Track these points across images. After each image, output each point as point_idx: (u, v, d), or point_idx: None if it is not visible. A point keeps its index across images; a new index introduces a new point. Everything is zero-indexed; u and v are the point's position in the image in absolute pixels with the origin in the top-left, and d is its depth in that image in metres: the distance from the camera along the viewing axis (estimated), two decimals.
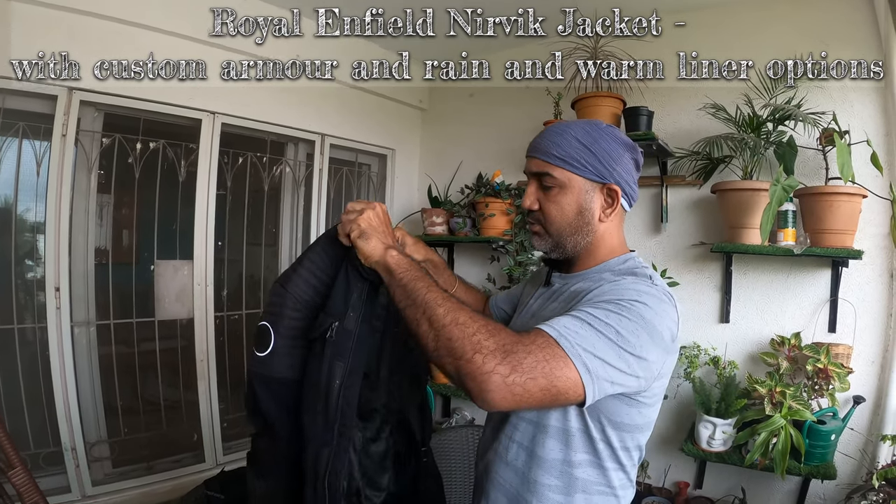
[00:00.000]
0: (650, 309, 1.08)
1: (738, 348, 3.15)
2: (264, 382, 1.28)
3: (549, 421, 1.19)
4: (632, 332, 1.03)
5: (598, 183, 1.23)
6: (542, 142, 1.25)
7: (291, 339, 1.28)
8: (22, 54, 2.49)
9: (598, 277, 1.24)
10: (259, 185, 3.61)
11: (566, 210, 1.24)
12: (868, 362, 2.87)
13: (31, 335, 2.87)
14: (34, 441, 2.86)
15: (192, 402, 3.31)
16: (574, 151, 1.21)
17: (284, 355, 1.27)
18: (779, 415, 2.59)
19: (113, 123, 3.00)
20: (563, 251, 1.28)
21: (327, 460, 1.20)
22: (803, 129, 2.82)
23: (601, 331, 1.01)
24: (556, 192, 1.23)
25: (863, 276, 2.88)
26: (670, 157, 3.24)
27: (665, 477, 3.35)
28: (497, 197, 3.68)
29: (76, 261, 2.95)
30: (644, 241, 3.45)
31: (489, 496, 1.30)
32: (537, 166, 1.25)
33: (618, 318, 1.03)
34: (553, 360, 0.97)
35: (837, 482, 2.81)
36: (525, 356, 0.96)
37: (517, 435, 1.26)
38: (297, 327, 1.28)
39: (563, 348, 0.98)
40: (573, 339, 0.99)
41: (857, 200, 2.70)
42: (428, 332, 1.03)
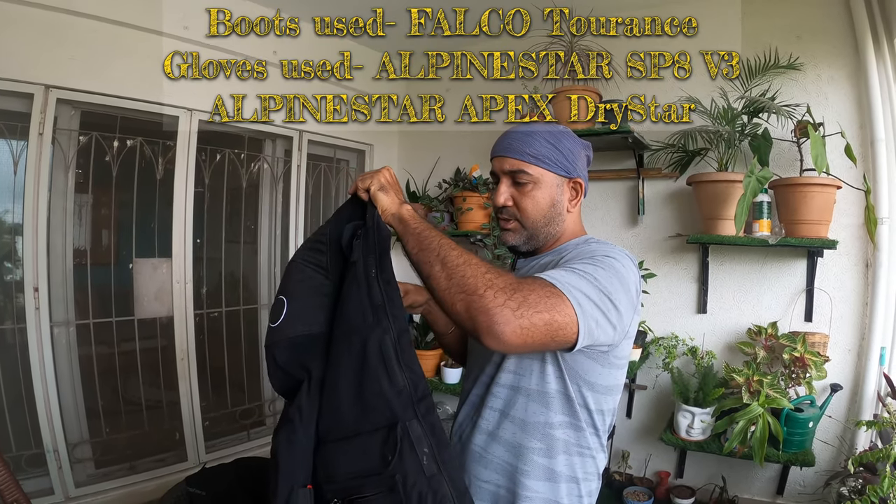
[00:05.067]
0: (619, 262, 1.19)
1: (716, 338, 3.19)
2: (286, 348, 1.24)
3: (529, 384, 1.28)
4: (608, 279, 1.13)
5: (566, 178, 1.36)
6: (513, 142, 1.34)
7: (304, 297, 1.28)
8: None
9: (561, 251, 1.35)
10: (237, 182, 3.59)
11: (541, 203, 1.34)
12: (845, 351, 2.92)
13: (11, 337, 2.84)
14: (16, 443, 2.84)
15: (173, 401, 3.29)
16: (544, 150, 1.32)
17: (297, 317, 1.25)
18: (756, 403, 2.62)
19: (90, 122, 2.97)
20: (535, 242, 1.38)
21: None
22: (777, 121, 2.85)
23: (584, 275, 1.11)
24: (530, 187, 1.33)
25: (838, 266, 2.93)
26: (646, 150, 3.26)
27: (646, 467, 3.38)
28: (475, 191, 3.70)
29: (55, 260, 2.92)
30: (621, 234, 3.47)
31: (479, 475, 1.34)
32: (511, 165, 1.33)
33: (593, 268, 1.14)
34: (553, 296, 1.05)
35: (816, 469, 2.86)
36: (530, 292, 1.03)
37: (499, 403, 1.33)
38: (310, 285, 1.29)
39: (558, 287, 1.06)
40: (564, 280, 1.08)
41: (832, 191, 2.73)
42: (440, 272, 1.09)
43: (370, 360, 1.13)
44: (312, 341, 1.23)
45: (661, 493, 3.23)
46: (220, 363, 3.60)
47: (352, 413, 1.14)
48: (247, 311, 3.76)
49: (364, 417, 1.13)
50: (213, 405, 3.57)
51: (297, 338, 1.24)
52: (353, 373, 1.15)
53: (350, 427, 1.14)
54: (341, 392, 1.16)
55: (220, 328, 3.59)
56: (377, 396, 1.12)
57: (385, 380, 1.12)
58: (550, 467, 1.27)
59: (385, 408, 1.12)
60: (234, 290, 3.69)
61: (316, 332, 1.24)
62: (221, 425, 3.61)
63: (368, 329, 1.15)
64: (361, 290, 1.18)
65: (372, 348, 1.13)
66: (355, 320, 1.17)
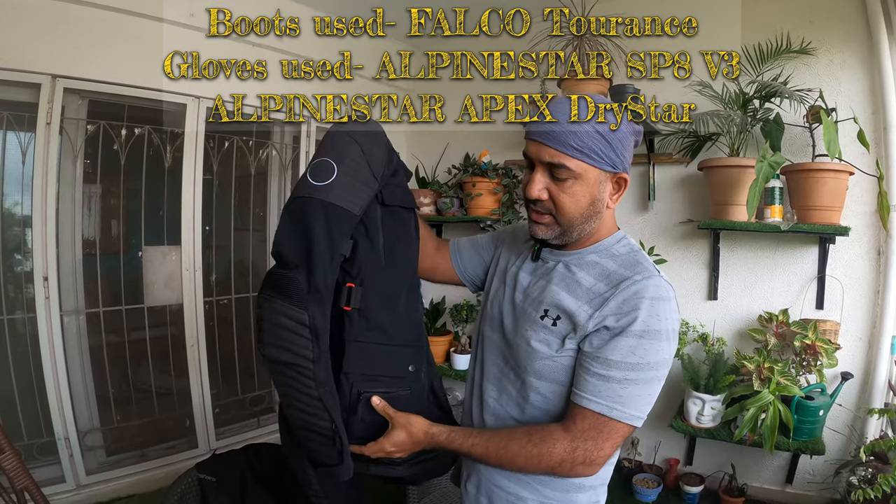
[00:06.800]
0: (669, 335, 1.15)
1: (727, 325, 3.17)
2: (323, 210, 1.16)
3: (557, 409, 1.24)
4: (657, 368, 1.14)
5: (611, 173, 1.19)
6: (556, 128, 1.16)
7: (353, 178, 1.22)
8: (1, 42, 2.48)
9: (594, 264, 1.24)
10: (246, 169, 3.59)
11: (580, 201, 1.18)
12: (856, 339, 2.90)
13: (22, 326, 2.86)
14: (27, 432, 2.86)
15: (183, 389, 3.31)
16: (593, 142, 1.14)
17: (342, 187, 1.19)
18: (767, 391, 2.61)
19: (97, 111, 2.97)
20: (567, 238, 1.24)
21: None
22: (790, 106, 2.81)
23: (637, 384, 1.13)
24: (570, 183, 1.17)
25: (850, 253, 2.90)
26: (657, 135, 3.23)
27: (655, 454, 3.38)
28: (484, 177, 3.68)
29: (64, 250, 2.93)
30: (632, 220, 3.44)
31: (497, 483, 1.31)
32: (550, 156, 1.16)
33: (635, 384, 1.13)
34: (610, 432, 1.13)
35: (826, 457, 2.84)
36: (584, 441, 1.13)
37: (519, 415, 1.30)
38: (362, 174, 1.24)
39: (614, 419, 1.12)
40: (619, 407, 1.12)
41: (844, 177, 2.70)
42: (497, 464, 1.21)
43: (415, 290, 1.37)
44: (349, 219, 1.20)
45: (670, 481, 3.22)
46: (230, 350, 3.62)
47: (399, 328, 1.30)
48: (256, 299, 3.74)
49: (406, 333, 1.32)
50: (223, 392, 3.59)
51: (334, 206, 1.17)
52: (405, 296, 1.32)
53: (396, 337, 1.30)
54: (398, 306, 1.30)
55: (230, 315, 3.60)
56: (415, 323, 1.36)
57: (421, 310, 1.40)
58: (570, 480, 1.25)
59: (417, 330, 1.36)
60: (243, 278, 3.70)
61: (355, 213, 1.20)
62: (231, 412, 3.63)
63: (413, 269, 1.38)
64: (413, 244, 1.37)
65: (414, 283, 1.37)
66: (411, 260, 1.37)
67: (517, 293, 1.32)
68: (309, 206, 1.17)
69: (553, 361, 1.20)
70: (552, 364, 1.20)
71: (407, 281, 1.34)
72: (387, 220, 1.31)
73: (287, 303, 1.15)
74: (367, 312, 1.24)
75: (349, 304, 1.22)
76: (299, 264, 1.16)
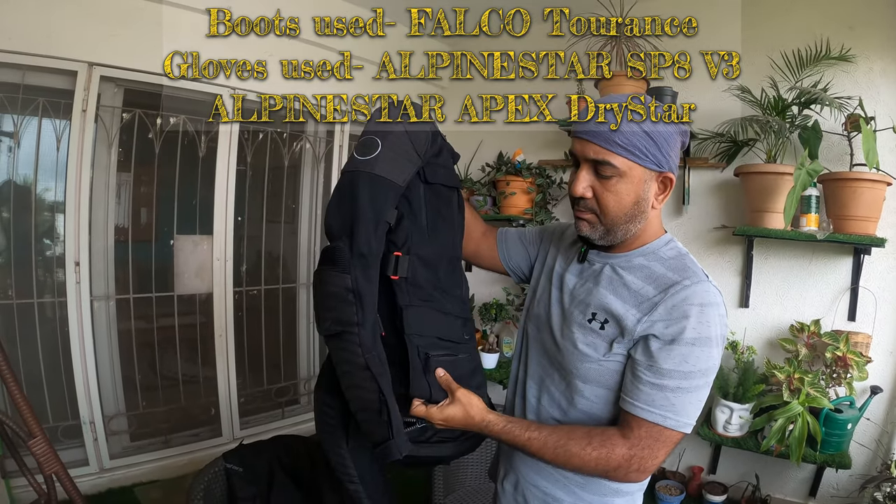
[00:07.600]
0: (718, 341, 1.15)
1: (757, 333, 3.13)
2: (368, 181, 1.21)
3: (603, 415, 1.25)
4: (707, 374, 1.14)
5: (656, 172, 1.18)
6: (602, 125, 1.16)
7: (397, 153, 1.26)
8: (35, 29, 2.50)
9: (642, 266, 1.23)
10: (279, 160, 3.61)
11: (624, 200, 1.18)
12: (886, 352, 2.85)
13: (51, 310, 2.90)
14: (53, 414, 2.90)
15: (209, 377, 3.34)
16: (638, 140, 1.14)
17: (387, 161, 1.23)
18: (796, 401, 2.58)
19: (133, 99, 3.00)
20: (612, 238, 1.22)
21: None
22: (829, 113, 2.78)
23: (689, 391, 1.13)
24: (614, 181, 1.16)
25: (884, 265, 2.85)
26: (693, 139, 3.19)
27: (679, 461, 3.35)
28: (518, 175, 3.66)
29: (96, 236, 2.97)
30: (665, 223, 3.32)
31: (533, 482, 1.32)
32: (595, 153, 1.16)
33: (687, 392, 1.13)
34: (665, 440, 1.14)
35: (851, 472, 2.80)
36: (640, 449, 1.13)
37: (560, 416, 1.30)
38: (405, 150, 1.28)
39: (668, 428, 1.12)
40: (673, 416, 1.12)
41: (882, 188, 2.66)
42: (552, 461, 1.19)
43: (457, 266, 1.42)
44: (393, 189, 1.23)
45: (692, 489, 3.20)
46: (258, 341, 3.64)
47: (446, 299, 1.35)
48: (286, 290, 3.79)
49: (453, 305, 1.37)
50: (249, 382, 3.61)
51: (377, 177, 1.21)
52: (447, 270, 1.37)
53: (445, 307, 1.35)
54: (441, 278, 1.35)
55: (259, 306, 3.62)
56: (459, 298, 1.40)
57: (465, 287, 1.43)
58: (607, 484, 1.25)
59: (463, 305, 1.40)
60: (273, 269, 3.72)
61: (398, 183, 1.24)
62: (256, 402, 3.66)
63: (455, 246, 1.43)
64: (456, 222, 1.42)
65: (455, 259, 1.42)
66: (454, 237, 1.42)
67: (564, 295, 1.32)
68: (355, 178, 1.21)
69: (600, 365, 1.19)
70: (599, 368, 1.19)
71: (447, 255, 1.38)
72: (430, 197, 1.34)
73: (333, 270, 1.18)
74: (414, 280, 1.28)
75: (397, 272, 1.25)
76: (344, 234, 1.20)
